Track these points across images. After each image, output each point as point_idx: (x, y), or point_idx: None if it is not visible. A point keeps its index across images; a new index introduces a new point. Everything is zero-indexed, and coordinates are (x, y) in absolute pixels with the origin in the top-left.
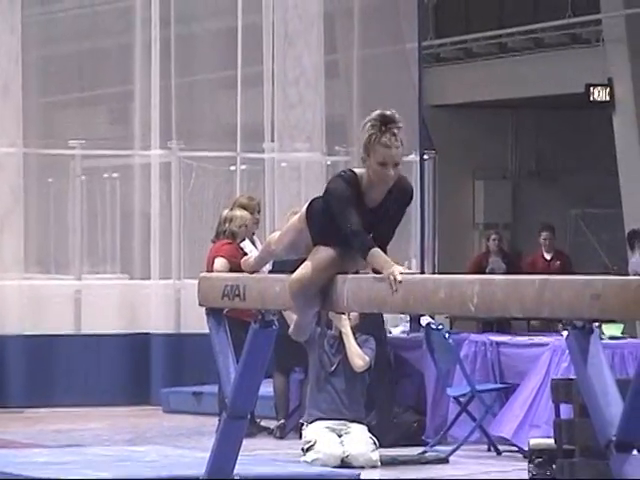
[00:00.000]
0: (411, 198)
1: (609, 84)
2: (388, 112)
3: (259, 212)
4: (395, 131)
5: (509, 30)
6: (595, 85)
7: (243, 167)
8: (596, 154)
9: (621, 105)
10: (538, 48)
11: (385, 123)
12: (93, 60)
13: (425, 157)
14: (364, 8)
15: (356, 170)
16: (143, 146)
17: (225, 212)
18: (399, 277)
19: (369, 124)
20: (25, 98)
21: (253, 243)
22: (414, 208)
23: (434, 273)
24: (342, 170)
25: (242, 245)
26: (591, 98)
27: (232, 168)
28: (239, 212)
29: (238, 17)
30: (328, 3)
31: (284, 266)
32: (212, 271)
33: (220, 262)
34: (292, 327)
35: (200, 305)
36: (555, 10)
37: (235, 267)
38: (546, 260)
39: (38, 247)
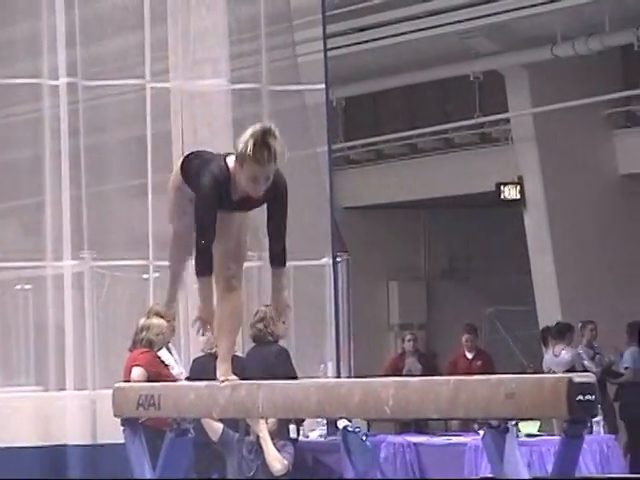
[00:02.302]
0: (283, 194)
1: (519, 182)
2: (267, 125)
3: (174, 319)
4: (271, 144)
5: (419, 131)
6: (505, 183)
7: (156, 275)
8: (508, 252)
9: (532, 203)
10: (449, 148)
11: (262, 136)
12: (2, 172)
13: (338, 260)
14: (273, 113)
15: (230, 163)
16: (55, 257)
17: (142, 320)
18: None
19: (249, 135)
20: None
21: (169, 350)
22: (328, 312)
23: (350, 376)
24: (221, 155)
25: (159, 354)
26: (502, 196)
27: (145, 276)
28: (156, 320)
29: (147, 125)
30: (237, 110)
31: (201, 374)
32: (129, 380)
33: (137, 371)
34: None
35: (115, 416)
36: (464, 110)
37: (153, 376)
38: (468, 359)
39: None
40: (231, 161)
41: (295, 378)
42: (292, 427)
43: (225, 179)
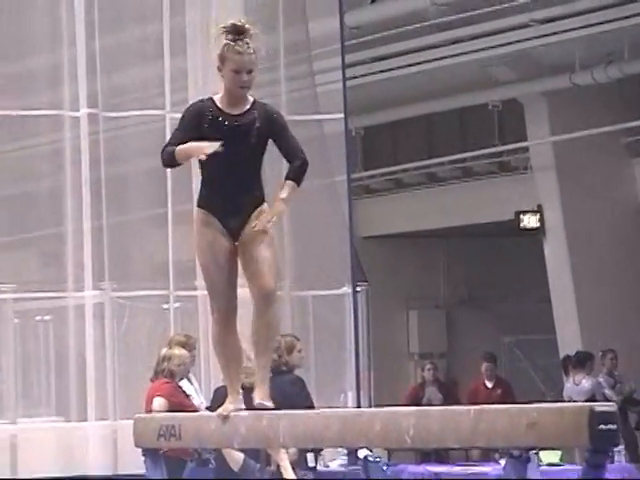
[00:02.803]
0: (278, 118)
1: (539, 211)
2: (239, 22)
3: (195, 349)
4: (247, 40)
5: (438, 160)
6: (525, 212)
7: (176, 305)
8: (528, 280)
9: (551, 231)
10: (467, 177)
11: (237, 32)
12: (23, 203)
13: (358, 289)
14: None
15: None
16: (76, 287)
17: (164, 351)
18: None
19: (222, 34)
20: None
21: (189, 380)
22: (348, 341)
23: (370, 406)
24: None
25: (180, 384)
26: (521, 225)
27: (165, 306)
28: (177, 351)
29: None
30: None
31: (222, 404)
32: (151, 410)
33: (159, 402)
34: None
35: (136, 446)
36: (483, 139)
37: (174, 406)
38: (487, 388)
39: None
40: (217, 98)
41: (312, 407)
42: (310, 456)
43: (207, 102)
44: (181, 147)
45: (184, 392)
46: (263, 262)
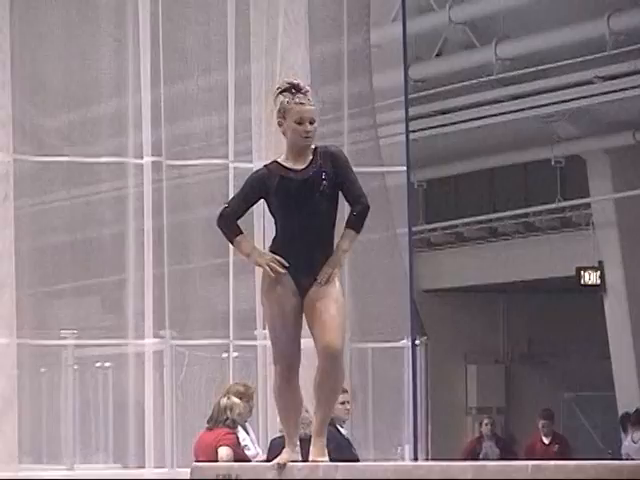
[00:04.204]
0: (339, 158)
1: (600, 267)
2: (295, 81)
3: (252, 399)
4: (306, 93)
5: (499, 214)
6: (586, 268)
7: (235, 354)
8: (588, 337)
9: (612, 288)
10: (528, 232)
11: (295, 88)
12: (86, 250)
13: (417, 342)
14: None
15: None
16: (136, 335)
17: (224, 400)
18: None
19: (278, 92)
20: (18, 289)
21: (246, 430)
22: (406, 394)
23: (427, 459)
24: None
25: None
26: (582, 281)
27: (224, 355)
28: (237, 400)
29: None
30: None
31: (278, 454)
32: (211, 460)
33: (226, 451)
34: None
35: None
36: (545, 194)
37: (238, 457)
38: (544, 444)
39: (31, 437)
40: (281, 159)
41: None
42: None
43: (271, 165)
44: (243, 246)
45: (239, 443)
46: (330, 319)
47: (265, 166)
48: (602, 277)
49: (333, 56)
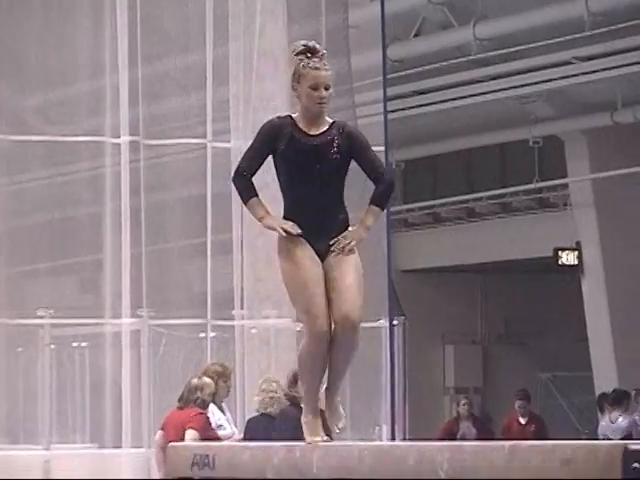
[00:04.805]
0: (357, 136)
1: (577, 248)
2: (311, 43)
3: (230, 379)
4: (322, 56)
5: (477, 195)
6: (563, 249)
7: (213, 334)
8: (565, 318)
9: (590, 269)
10: (506, 212)
11: (311, 52)
12: (63, 230)
13: (394, 322)
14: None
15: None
16: (113, 315)
17: (195, 380)
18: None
19: (295, 54)
20: None
21: (221, 410)
22: (384, 374)
23: (405, 439)
24: None
25: (213, 412)
26: (559, 262)
27: (202, 335)
28: (207, 380)
29: (207, 185)
30: None
31: (255, 434)
32: (179, 439)
33: (192, 435)
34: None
35: (169, 475)
36: (523, 175)
37: (205, 438)
38: (521, 424)
39: (7, 416)
40: (295, 116)
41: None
42: None
43: (285, 119)
44: (257, 210)
45: (210, 424)
46: (347, 290)
47: (278, 117)
48: (580, 257)
49: (311, 36)
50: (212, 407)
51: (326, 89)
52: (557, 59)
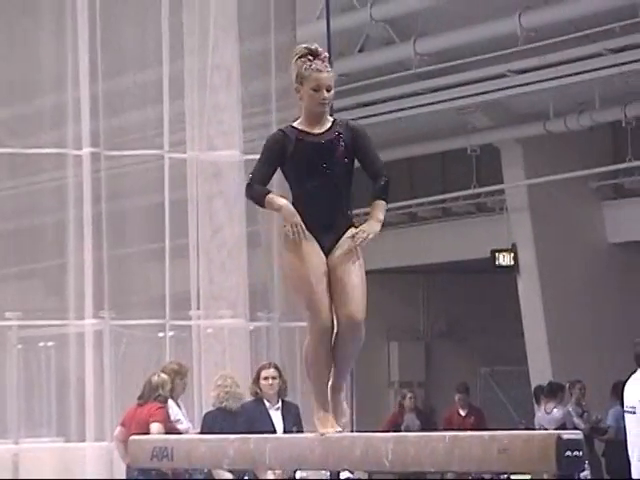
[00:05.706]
0: (361, 132)
1: (513, 249)
2: (313, 46)
3: (186, 377)
4: (324, 59)
5: (419, 200)
6: (500, 250)
7: (171, 334)
8: (502, 315)
9: (525, 269)
10: (446, 217)
11: (313, 54)
12: (29, 237)
13: None
14: (280, 181)
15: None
16: (77, 316)
17: (155, 378)
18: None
19: (297, 57)
20: None
21: (178, 405)
22: None
23: (352, 431)
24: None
25: (171, 406)
26: (496, 263)
27: (161, 335)
28: (166, 376)
29: (165, 193)
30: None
31: (212, 428)
32: (145, 433)
33: (157, 427)
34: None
35: (130, 466)
36: (462, 181)
37: (167, 430)
38: (461, 416)
39: None
40: (296, 123)
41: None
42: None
43: (287, 129)
44: (275, 201)
45: (169, 417)
46: (353, 289)
47: (280, 129)
48: (515, 259)
49: (261, 52)
50: (170, 402)
51: (328, 90)
52: (493, 72)
